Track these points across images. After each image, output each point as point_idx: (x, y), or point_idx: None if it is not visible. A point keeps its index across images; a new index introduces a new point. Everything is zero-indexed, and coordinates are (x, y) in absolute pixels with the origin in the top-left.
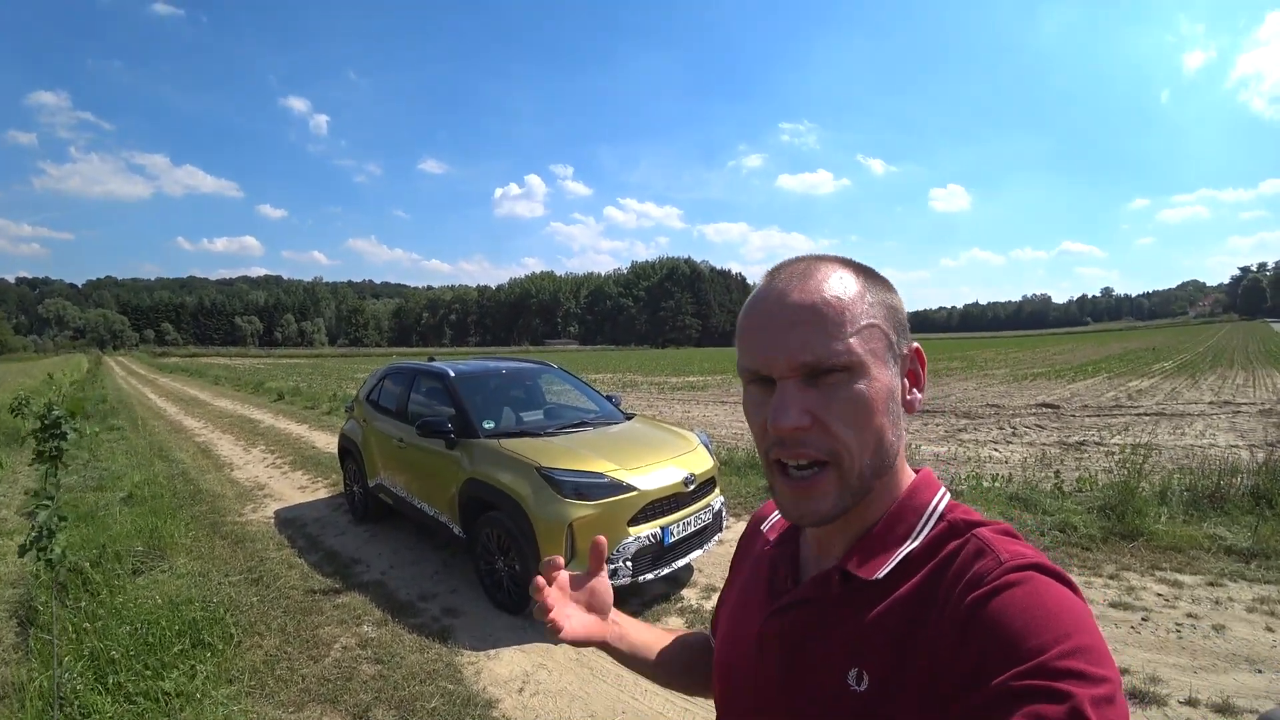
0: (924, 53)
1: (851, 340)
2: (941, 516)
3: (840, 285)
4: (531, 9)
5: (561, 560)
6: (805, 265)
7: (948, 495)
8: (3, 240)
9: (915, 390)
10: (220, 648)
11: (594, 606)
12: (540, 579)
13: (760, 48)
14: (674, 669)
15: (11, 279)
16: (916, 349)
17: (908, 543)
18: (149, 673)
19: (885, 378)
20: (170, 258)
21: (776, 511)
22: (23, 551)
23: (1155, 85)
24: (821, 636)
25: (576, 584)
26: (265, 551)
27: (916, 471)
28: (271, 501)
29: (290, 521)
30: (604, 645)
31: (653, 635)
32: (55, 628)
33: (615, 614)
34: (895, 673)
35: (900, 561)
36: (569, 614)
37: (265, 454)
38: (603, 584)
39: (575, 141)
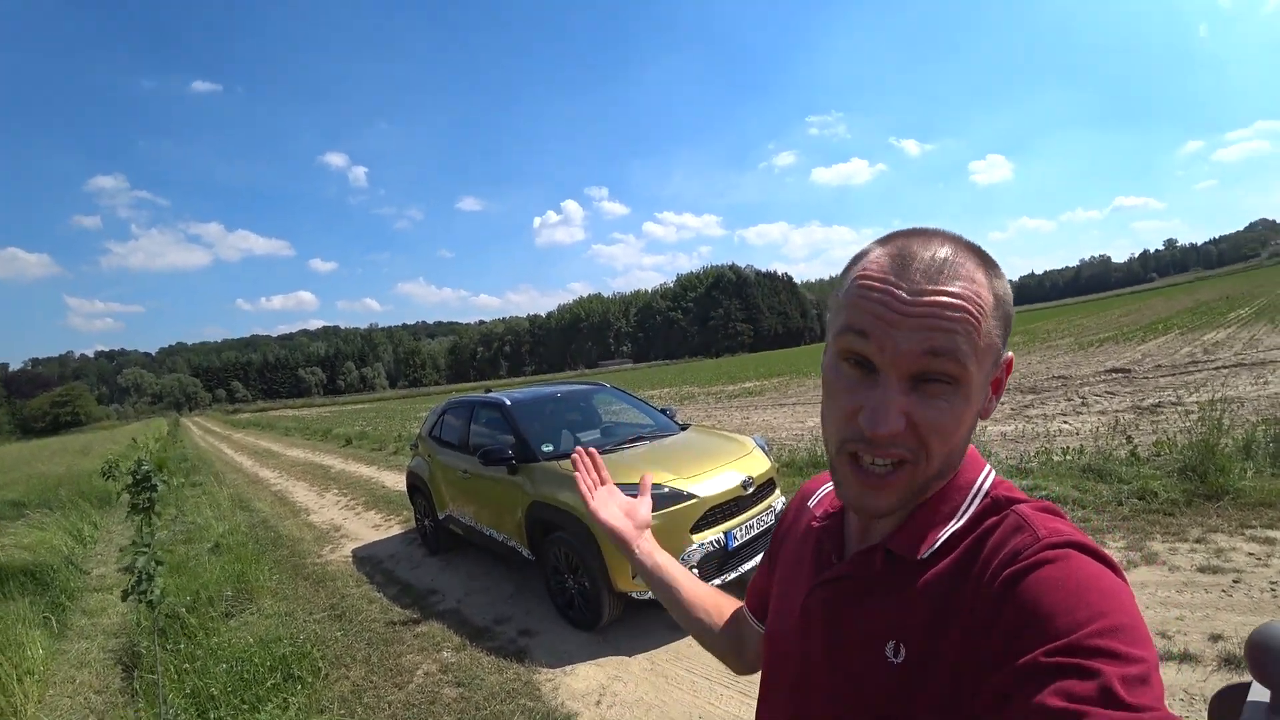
0: (941, 20)
1: (974, 357)
2: (986, 494)
3: (980, 295)
4: (545, 39)
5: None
6: (945, 256)
7: (993, 472)
8: (79, 318)
9: (994, 398)
10: (310, 680)
11: (630, 516)
12: (580, 451)
13: (772, 41)
14: (701, 618)
15: (91, 353)
16: (1009, 360)
17: (953, 522)
18: (246, 707)
19: (980, 397)
20: (232, 319)
21: (823, 487)
22: (125, 596)
23: (1191, 20)
24: (862, 610)
25: (622, 499)
26: (345, 589)
27: None
28: (348, 541)
29: (367, 559)
30: (627, 548)
31: (683, 574)
32: (159, 669)
33: (649, 538)
34: (931, 646)
35: (945, 541)
36: (605, 502)
37: (338, 497)
38: (645, 506)
39: (606, 162)
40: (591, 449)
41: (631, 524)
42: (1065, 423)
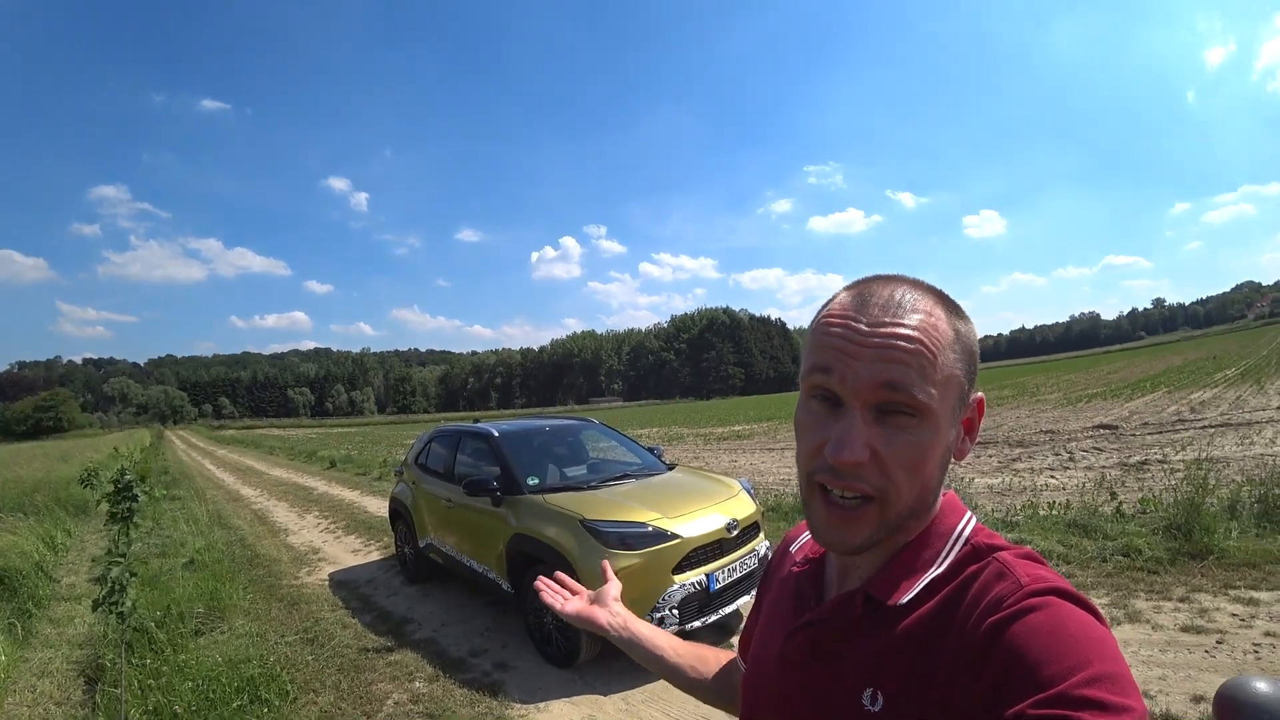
0: (937, 78)
1: (935, 389)
2: (966, 541)
3: (937, 327)
4: (549, 78)
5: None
6: (902, 294)
7: (974, 519)
8: (70, 325)
9: (968, 439)
10: (277, 704)
11: (595, 601)
12: (542, 578)
13: (773, 92)
14: (687, 673)
15: (79, 360)
16: (979, 400)
17: (933, 568)
18: None
19: (948, 429)
20: (225, 335)
21: (805, 533)
22: (95, 606)
23: (1179, 85)
24: (839, 655)
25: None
26: (320, 612)
27: (942, 495)
28: (326, 565)
29: (344, 583)
30: (599, 628)
31: (665, 638)
32: (123, 683)
33: (620, 608)
34: (909, 694)
35: (925, 587)
36: (566, 598)
37: (319, 519)
38: (612, 587)
39: (606, 201)
40: (550, 579)
41: (597, 604)
42: (1052, 477)
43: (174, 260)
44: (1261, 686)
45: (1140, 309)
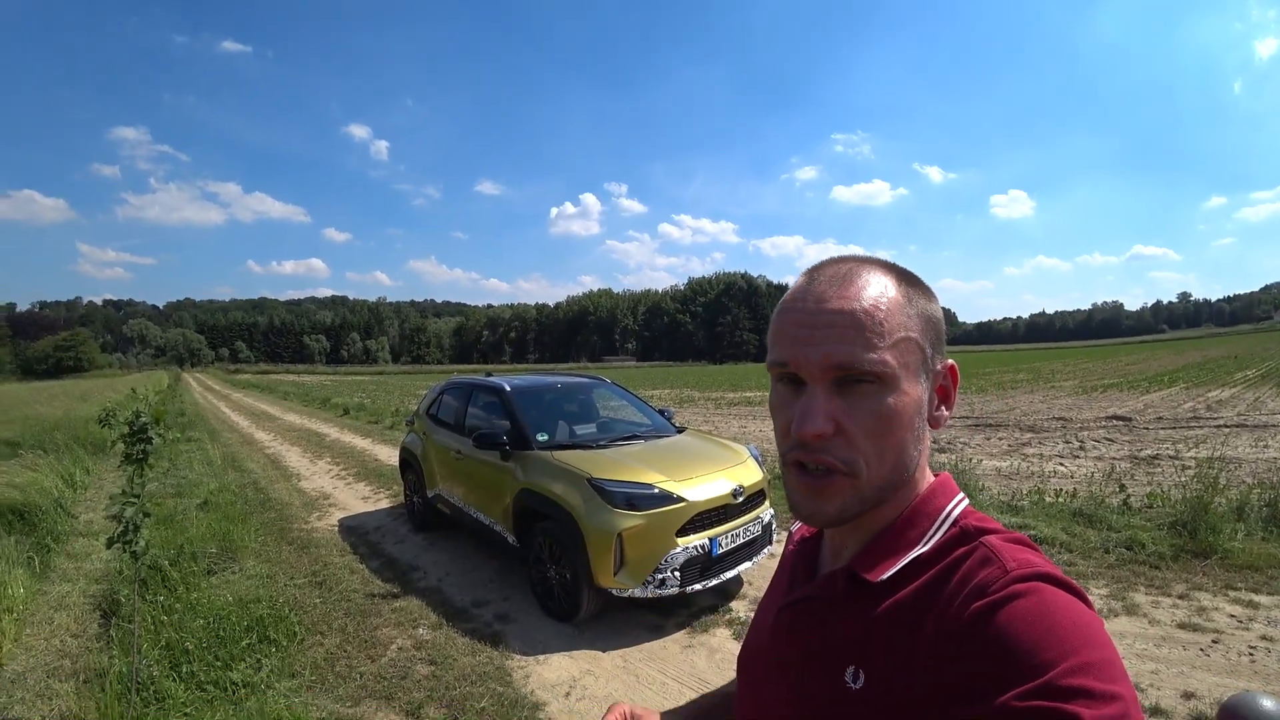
0: (977, 53)
1: (887, 352)
2: (955, 522)
3: (882, 293)
4: (579, 31)
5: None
6: (847, 268)
7: (965, 501)
8: (90, 266)
9: (944, 407)
10: (284, 644)
11: None
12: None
13: (806, 57)
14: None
15: (99, 301)
16: (951, 366)
17: (918, 547)
18: (219, 664)
19: (915, 392)
20: (242, 280)
21: None
22: (110, 544)
23: (1227, 76)
24: (824, 633)
25: None
26: (329, 557)
27: (935, 475)
28: (336, 510)
29: (353, 529)
30: None
31: (717, 698)
32: (136, 618)
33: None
34: (890, 674)
35: (907, 565)
36: None
37: (331, 466)
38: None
39: (628, 159)
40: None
41: None
42: (1061, 464)
43: (193, 203)
44: (1268, 705)
45: (1165, 302)
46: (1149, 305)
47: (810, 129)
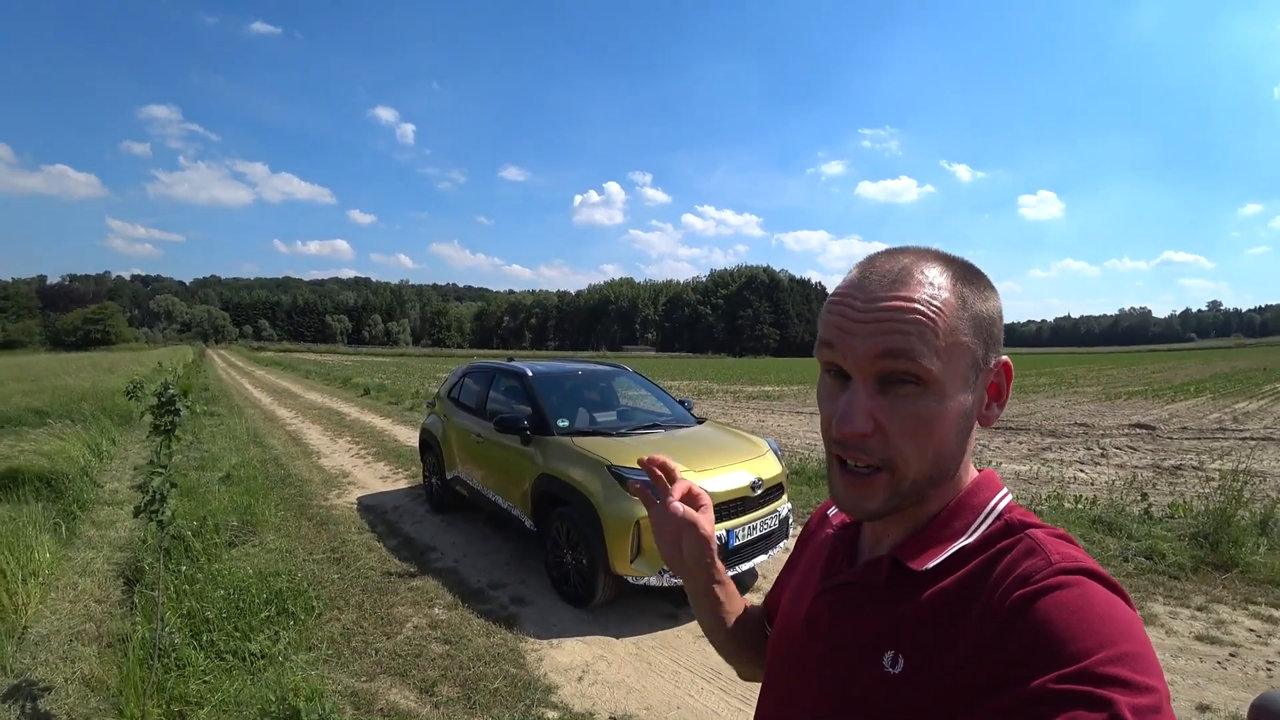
0: (1009, 50)
1: (933, 357)
2: (999, 515)
3: (937, 295)
4: (605, 20)
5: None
6: (902, 265)
7: (1009, 496)
8: (119, 241)
9: (995, 405)
10: (302, 618)
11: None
12: (652, 457)
13: (836, 52)
14: (723, 605)
15: (128, 276)
16: (1005, 363)
17: (962, 538)
18: (238, 634)
19: (960, 396)
20: (268, 259)
21: None
22: (136, 513)
23: (1266, 80)
24: (864, 617)
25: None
26: (347, 534)
27: (980, 471)
28: (355, 489)
29: (371, 508)
30: (701, 537)
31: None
32: (160, 586)
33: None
34: (930, 659)
35: (952, 555)
36: (669, 491)
37: (350, 444)
38: (701, 495)
39: (653, 149)
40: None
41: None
42: (1081, 471)
43: (221, 182)
44: None
45: (1194, 310)
46: (1178, 313)
47: (838, 123)
